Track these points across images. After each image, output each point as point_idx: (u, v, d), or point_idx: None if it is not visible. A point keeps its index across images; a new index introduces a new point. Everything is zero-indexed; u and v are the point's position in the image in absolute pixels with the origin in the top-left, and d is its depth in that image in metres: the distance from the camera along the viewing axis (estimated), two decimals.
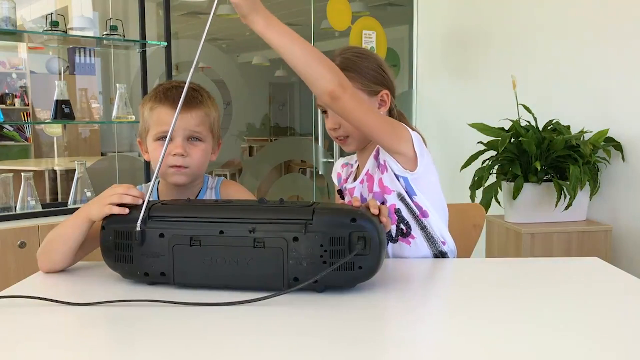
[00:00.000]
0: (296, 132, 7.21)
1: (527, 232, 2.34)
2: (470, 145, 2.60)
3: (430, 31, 3.62)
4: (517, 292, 1.07)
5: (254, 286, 1.01)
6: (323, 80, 1.12)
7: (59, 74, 4.15)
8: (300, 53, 1.10)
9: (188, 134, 1.27)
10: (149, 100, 1.31)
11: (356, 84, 1.33)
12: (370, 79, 1.36)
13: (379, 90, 1.37)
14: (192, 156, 1.27)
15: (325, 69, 1.13)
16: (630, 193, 2.42)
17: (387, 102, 1.38)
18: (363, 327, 0.89)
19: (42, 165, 3.88)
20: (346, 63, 1.35)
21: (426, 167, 1.29)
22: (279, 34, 1.09)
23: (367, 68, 1.36)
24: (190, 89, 1.29)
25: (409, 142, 1.27)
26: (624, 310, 0.96)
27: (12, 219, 2.26)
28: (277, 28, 1.09)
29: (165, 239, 1.04)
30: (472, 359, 0.77)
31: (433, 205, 1.33)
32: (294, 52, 1.10)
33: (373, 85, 1.36)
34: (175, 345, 0.81)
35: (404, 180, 1.31)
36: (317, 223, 0.99)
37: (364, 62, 1.36)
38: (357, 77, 1.34)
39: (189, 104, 1.27)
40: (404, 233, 1.33)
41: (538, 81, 2.80)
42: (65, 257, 1.17)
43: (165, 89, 1.30)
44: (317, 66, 1.12)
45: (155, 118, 1.28)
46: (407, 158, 1.28)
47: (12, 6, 2.32)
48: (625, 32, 2.42)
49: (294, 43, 1.10)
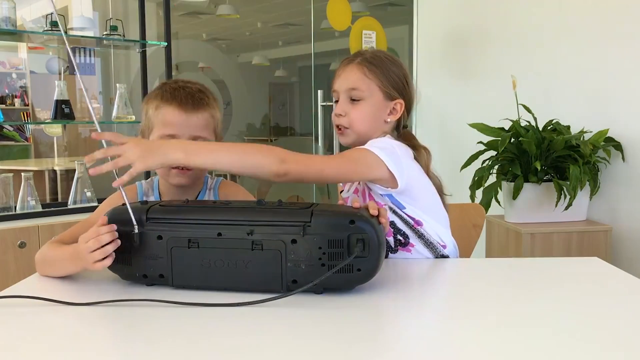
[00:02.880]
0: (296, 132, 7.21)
1: (527, 232, 2.34)
2: (470, 145, 2.60)
3: (430, 31, 3.61)
4: (517, 292, 1.07)
5: (253, 288, 1.01)
6: (263, 168, 1.13)
7: (59, 74, 4.15)
8: (229, 160, 1.12)
9: (193, 136, 1.27)
10: (155, 98, 1.29)
11: (376, 80, 1.34)
12: (391, 83, 1.36)
13: (395, 98, 1.36)
14: None
15: (258, 157, 1.14)
16: (630, 193, 2.42)
17: (398, 112, 1.37)
18: (362, 328, 0.89)
19: (42, 165, 3.88)
20: (375, 59, 1.36)
21: (409, 180, 1.27)
22: (202, 155, 1.10)
23: (391, 71, 1.36)
24: (197, 90, 1.29)
25: (381, 166, 1.24)
26: (624, 310, 0.96)
27: (12, 219, 2.26)
28: (197, 150, 1.10)
29: (163, 241, 1.04)
30: (472, 359, 0.77)
31: (426, 212, 1.32)
32: (223, 162, 1.12)
33: (391, 90, 1.36)
34: (175, 345, 0.81)
35: (389, 197, 1.30)
36: (315, 225, 0.99)
37: (391, 65, 1.37)
38: (379, 74, 1.34)
39: (197, 105, 1.26)
40: (402, 243, 1.33)
41: (538, 81, 2.79)
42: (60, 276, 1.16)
43: (172, 88, 1.28)
44: (252, 160, 1.14)
45: (161, 118, 1.27)
46: (384, 180, 1.26)
47: (12, 6, 2.32)
48: (625, 32, 2.41)
49: (219, 155, 1.12)
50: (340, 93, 1.37)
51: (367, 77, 1.34)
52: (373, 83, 1.34)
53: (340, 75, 1.38)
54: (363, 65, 1.35)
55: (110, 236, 1.03)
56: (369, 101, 1.34)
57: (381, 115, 1.36)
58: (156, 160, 1.05)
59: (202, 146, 1.13)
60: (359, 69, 1.35)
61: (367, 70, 1.34)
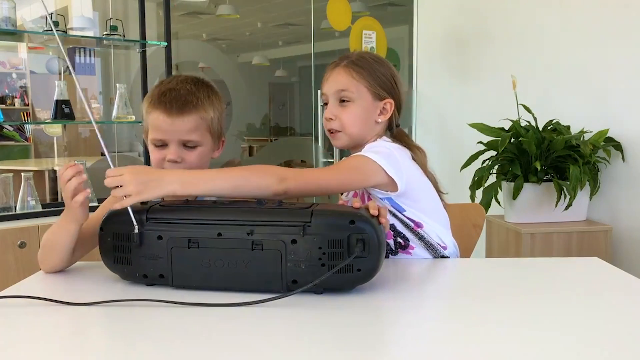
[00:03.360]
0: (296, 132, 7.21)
1: (527, 232, 2.34)
2: (470, 145, 2.60)
3: (430, 31, 3.61)
4: (517, 292, 1.07)
5: (253, 288, 1.01)
6: (263, 189, 1.13)
7: (59, 74, 4.15)
8: (227, 186, 1.12)
9: (181, 140, 1.25)
10: (147, 101, 1.29)
11: (364, 81, 1.34)
12: (379, 83, 1.36)
13: (384, 97, 1.37)
14: (187, 161, 1.26)
15: (257, 180, 1.14)
16: (630, 193, 2.42)
17: (389, 111, 1.37)
18: (362, 328, 0.89)
19: (42, 165, 3.88)
20: (361, 61, 1.36)
21: (409, 182, 1.28)
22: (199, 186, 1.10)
23: (378, 71, 1.37)
24: (186, 92, 1.26)
25: (380, 171, 1.24)
26: (624, 310, 0.96)
27: (12, 219, 2.27)
28: (194, 181, 1.10)
29: (163, 241, 1.04)
30: (471, 359, 0.77)
31: (426, 214, 1.33)
32: (222, 190, 1.11)
33: (380, 90, 1.36)
34: (174, 344, 0.81)
35: (388, 200, 1.30)
36: (315, 225, 0.99)
37: (378, 66, 1.37)
38: (366, 75, 1.35)
39: (182, 109, 1.24)
40: (403, 245, 1.33)
41: (538, 81, 2.79)
42: (63, 260, 1.18)
43: (160, 92, 1.27)
44: (250, 183, 1.14)
45: (151, 122, 1.27)
46: (384, 184, 1.27)
47: (12, 6, 2.32)
48: (625, 32, 2.41)
49: (216, 183, 1.11)
50: (329, 96, 1.37)
51: (355, 79, 1.34)
52: (361, 84, 1.34)
53: (328, 79, 1.39)
54: (349, 67, 1.35)
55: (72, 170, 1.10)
56: (358, 103, 1.35)
57: (372, 116, 1.36)
58: (152, 194, 1.06)
59: (198, 176, 1.12)
60: (346, 71, 1.35)
61: (354, 72, 1.35)
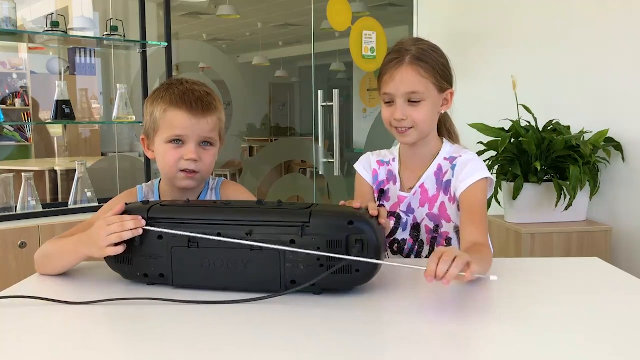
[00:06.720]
0: (296, 132, 7.22)
1: (527, 232, 2.34)
2: (470, 145, 2.59)
3: (430, 31, 3.61)
4: (517, 292, 1.07)
5: (251, 288, 1.01)
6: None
7: (59, 74, 4.15)
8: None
9: (202, 139, 1.27)
10: (162, 101, 1.28)
11: (431, 78, 1.31)
12: (442, 75, 1.33)
13: (446, 88, 1.35)
14: (204, 161, 1.28)
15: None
16: (630, 193, 2.42)
17: (449, 101, 1.36)
18: (361, 328, 0.89)
19: (43, 165, 3.88)
20: (424, 55, 1.32)
21: None
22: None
23: (440, 63, 1.33)
24: (204, 93, 1.29)
25: (486, 187, 1.35)
26: (624, 310, 0.97)
27: (12, 219, 2.27)
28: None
29: (163, 240, 1.04)
30: (471, 359, 0.77)
31: None
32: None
33: (443, 82, 1.34)
34: (174, 343, 0.82)
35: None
36: (314, 225, 0.99)
37: (438, 57, 1.34)
38: (432, 71, 1.31)
39: (205, 109, 1.26)
40: None
41: (538, 81, 2.79)
42: (60, 272, 1.18)
43: (180, 92, 1.27)
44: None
45: (169, 121, 1.26)
46: None
47: (12, 6, 2.32)
48: (625, 32, 2.41)
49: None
50: (397, 97, 1.32)
51: (423, 77, 1.31)
52: (428, 82, 1.31)
53: (393, 78, 1.32)
54: (415, 64, 1.30)
55: (134, 224, 1.04)
56: (428, 100, 1.32)
57: (437, 109, 1.36)
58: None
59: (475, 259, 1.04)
60: (413, 69, 1.30)
61: (421, 69, 1.30)
